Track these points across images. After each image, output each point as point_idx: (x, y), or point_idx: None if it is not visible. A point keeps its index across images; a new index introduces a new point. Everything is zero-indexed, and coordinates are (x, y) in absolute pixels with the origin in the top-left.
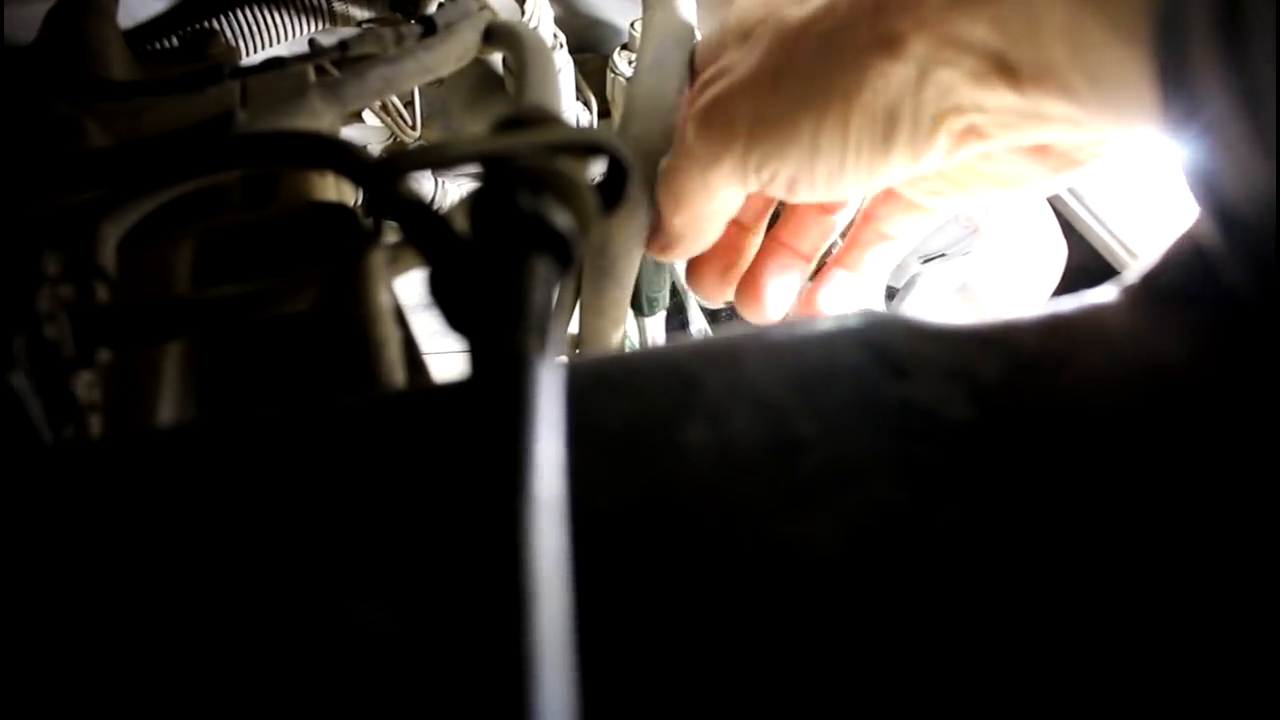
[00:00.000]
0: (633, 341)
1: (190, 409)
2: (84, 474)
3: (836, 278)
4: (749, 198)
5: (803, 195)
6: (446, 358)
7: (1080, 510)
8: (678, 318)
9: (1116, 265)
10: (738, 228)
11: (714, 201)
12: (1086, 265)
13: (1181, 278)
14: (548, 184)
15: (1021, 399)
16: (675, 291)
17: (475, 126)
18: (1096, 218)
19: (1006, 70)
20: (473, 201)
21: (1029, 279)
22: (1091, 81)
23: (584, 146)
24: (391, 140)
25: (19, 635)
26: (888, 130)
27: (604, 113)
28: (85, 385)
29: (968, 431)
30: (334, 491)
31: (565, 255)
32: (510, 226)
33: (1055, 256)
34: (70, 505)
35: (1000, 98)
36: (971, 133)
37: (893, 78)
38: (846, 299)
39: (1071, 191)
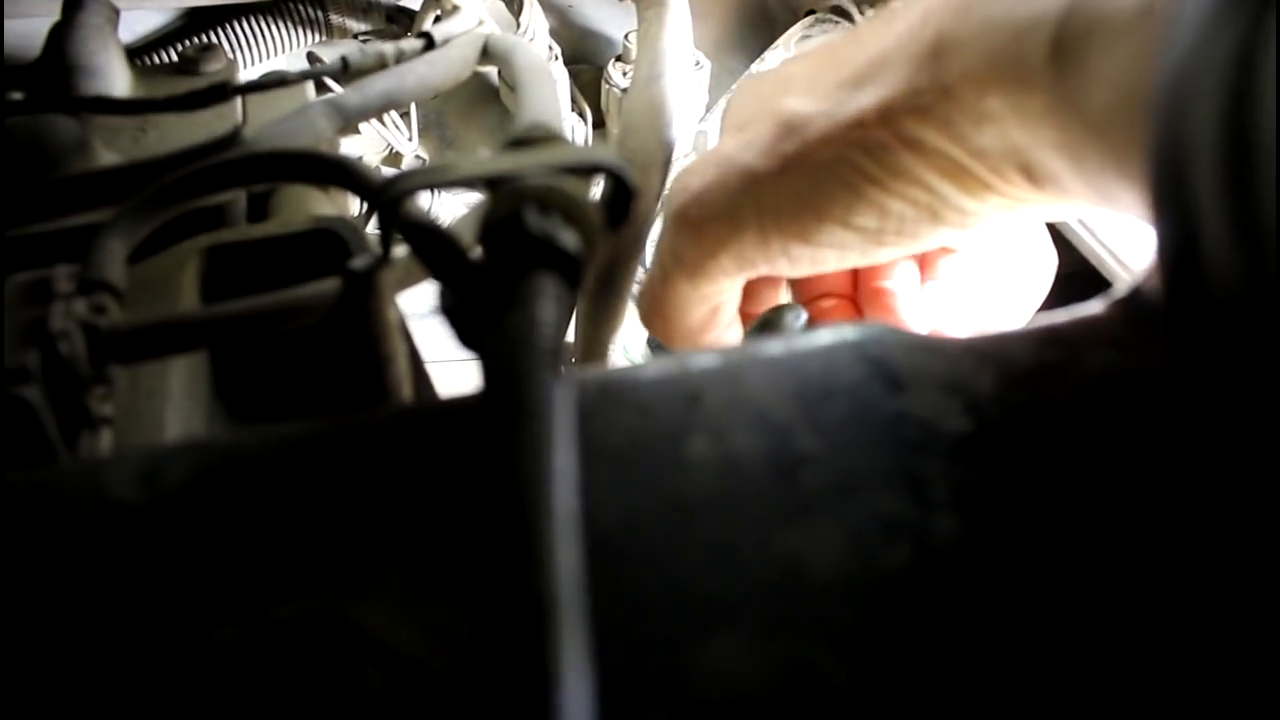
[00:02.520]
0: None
1: (198, 421)
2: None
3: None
4: None
5: (825, 268)
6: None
7: (1075, 520)
8: None
9: (1105, 273)
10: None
11: (709, 306)
12: (1075, 273)
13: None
14: (555, 204)
15: (1016, 411)
16: None
17: (471, 137)
18: (1085, 226)
19: (1025, 170)
20: (482, 222)
21: (1020, 287)
22: (1098, 195)
23: (589, 166)
24: (388, 151)
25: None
26: (933, 212)
27: (599, 124)
28: (98, 400)
29: (964, 443)
30: (352, 506)
31: (573, 275)
32: (520, 247)
33: (1046, 265)
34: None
35: (1021, 190)
36: (1004, 209)
37: (928, 170)
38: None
39: None
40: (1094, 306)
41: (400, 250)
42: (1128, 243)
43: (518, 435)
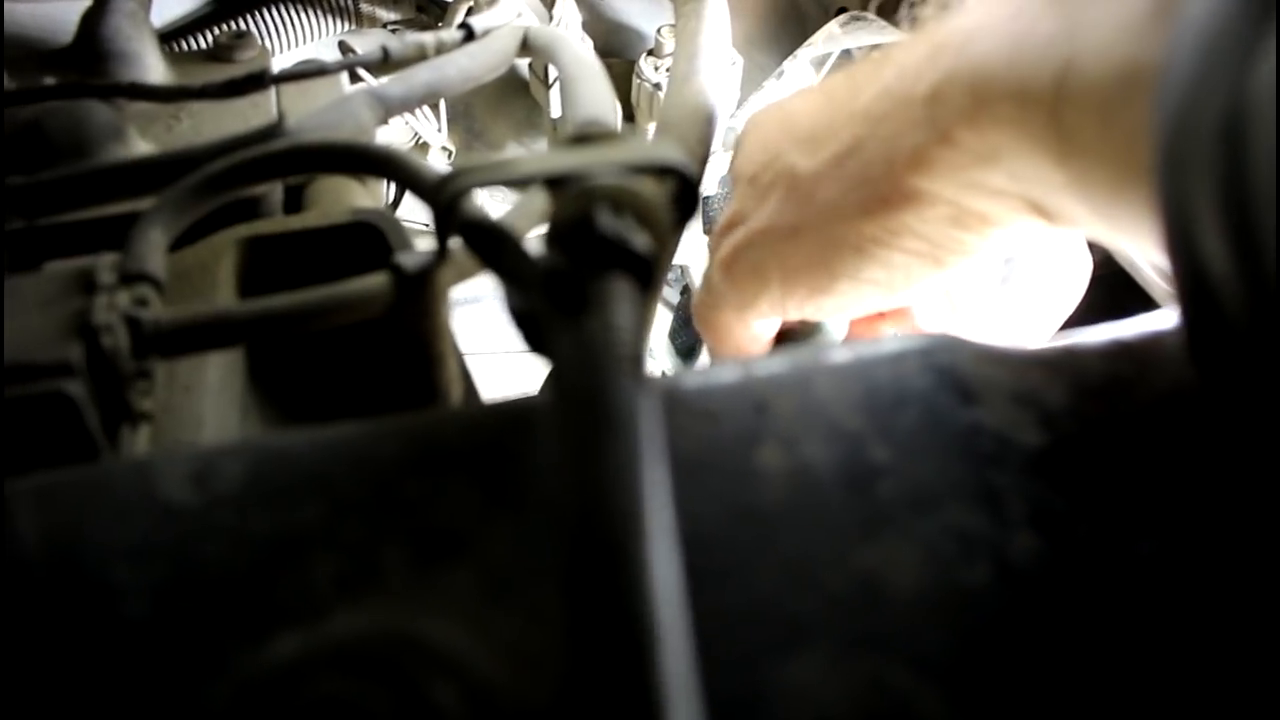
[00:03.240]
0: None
1: (234, 416)
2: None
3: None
4: None
5: (849, 313)
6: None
7: (1151, 537)
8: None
9: (1137, 277)
10: None
11: (752, 331)
12: (1104, 275)
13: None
14: (627, 205)
15: (1090, 423)
16: None
17: (499, 129)
18: None
19: (1035, 209)
20: (552, 223)
21: (1054, 291)
22: (1104, 222)
23: (657, 166)
24: (416, 140)
25: None
26: (936, 258)
27: (628, 118)
28: (139, 394)
29: (1040, 457)
30: (414, 513)
31: (647, 277)
32: (593, 249)
33: (1080, 269)
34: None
35: (1028, 222)
36: (1007, 240)
37: (930, 219)
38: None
39: None
40: (1162, 319)
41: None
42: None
43: (608, 446)
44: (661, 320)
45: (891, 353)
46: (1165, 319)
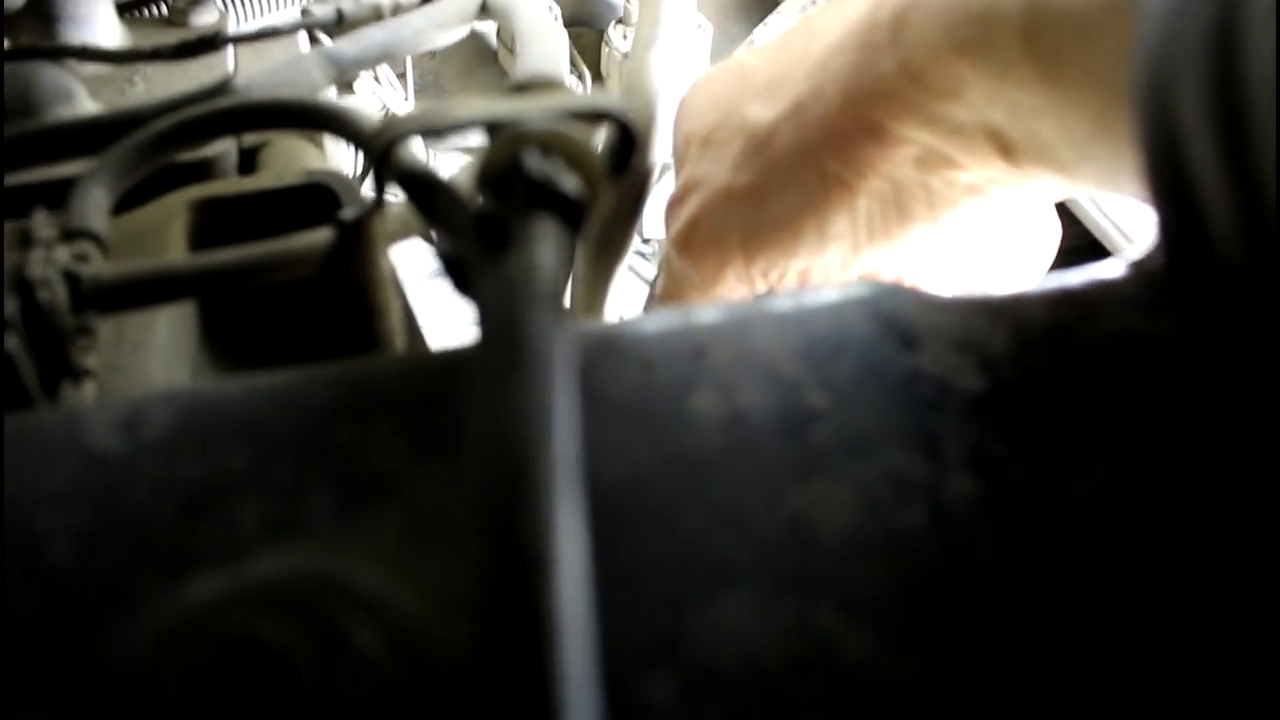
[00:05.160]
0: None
1: (184, 375)
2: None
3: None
4: None
5: (818, 280)
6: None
7: (1089, 481)
8: None
9: (1109, 246)
10: None
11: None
12: (1078, 247)
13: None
14: (557, 148)
15: (1030, 369)
16: None
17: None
18: (1091, 199)
19: (998, 143)
20: (479, 165)
21: (1022, 260)
22: (1081, 156)
23: (591, 112)
24: (384, 111)
25: None
26: (900, 204)
27: (598, 86)
28: (80, 350)
29: (979, 402)
30: (341, 457)
31: (575, 219)
32: (519, 190)
33: (1049, 238)
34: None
35: (994, 169)
36: (973, 191)
37: (895, 159)
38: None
39: None
40: (1109, 268)
41: (397, 202)
42: (1132, 215)
43: (516, 379)
44: (638, 295)
45: (833, 301)
46: (1115, 268)
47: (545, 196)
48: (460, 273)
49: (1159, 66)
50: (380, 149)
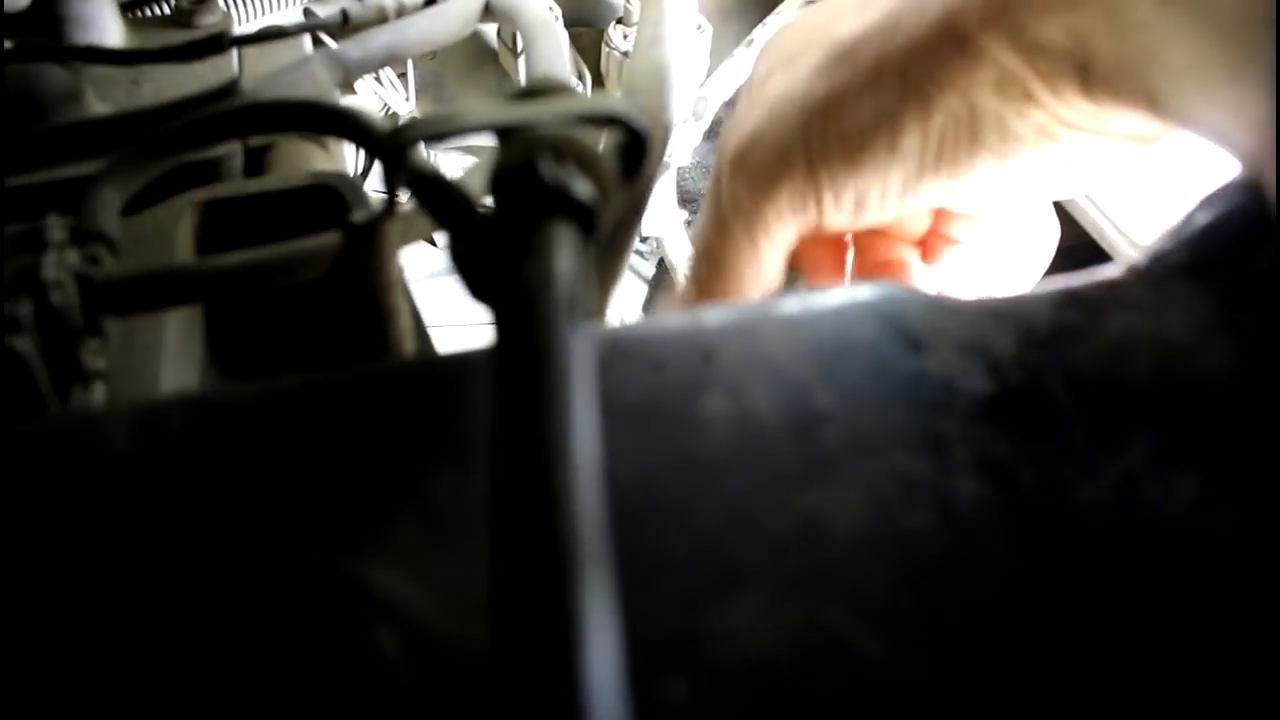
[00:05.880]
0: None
1: (192, 378)
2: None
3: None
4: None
5: (871, 214)
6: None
7: (1096, 482)
8: None
9: (1107, 247)
10: None
11: (762, 260)
12: (1076, 247)
13: (1190, 253)
14: (569, 153)
15: (1036, 372)
16: None
17: (470, 99)
18: (1089, 199)
19: (1081, 72)
20: (493, 170)
21: (1021, 259)
22: (1188, 88)
23: (602, 116)
24: (385, 111)
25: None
26: (973, 130)
27: (598, 87)
28: (91, 353)
29: (986, 404)
30: (356, 460)
31: (588, 224)
32: (533, 196)
33: (1048, 238)
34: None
35: (1071, 107)
36: (1043, 133)
37: (976, 78)
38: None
39: None
40: (1114, 270)
41: (403, 204)
42: (1130, 215)
43: (538, 383)
44: (636, 293)
45: (840, 303)
46: (1119, 269)
47: (559, 202)
48: (475, 277)
49: None
50: (393, 152)
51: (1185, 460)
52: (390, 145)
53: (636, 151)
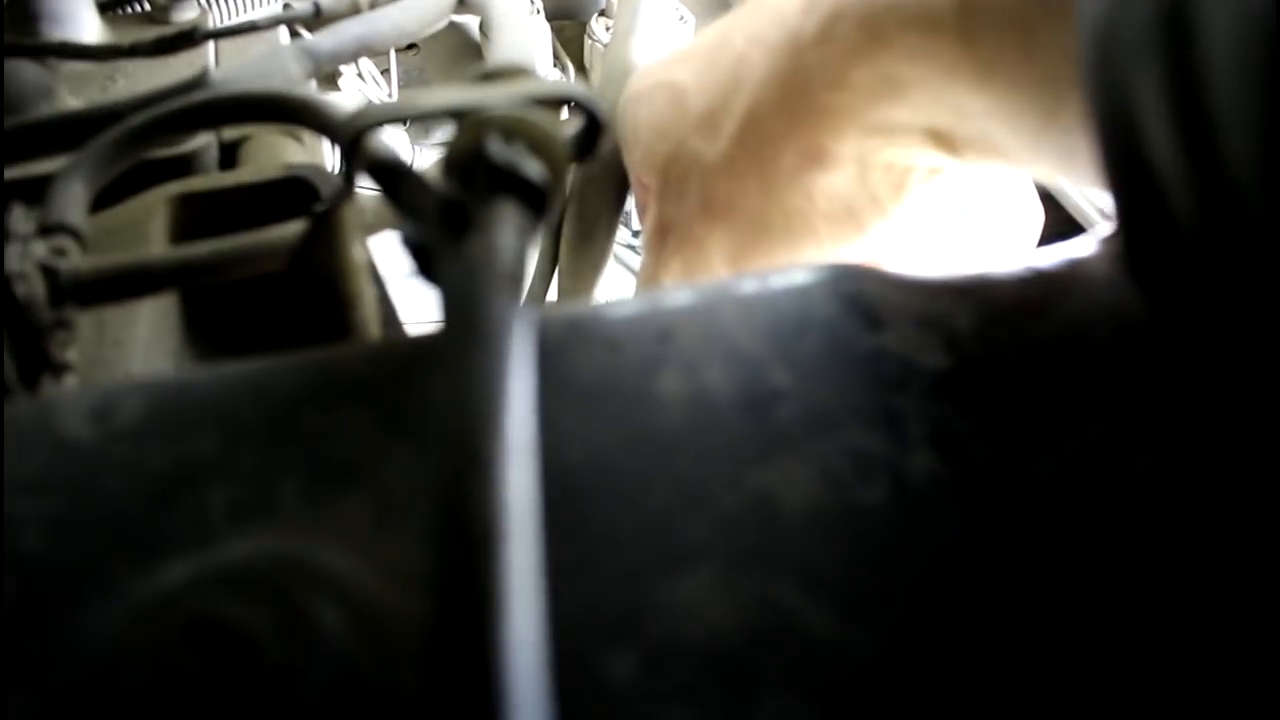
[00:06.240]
0: None
1: (165, 364)
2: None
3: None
4: None
5: None
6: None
7: (1053, 457)
8: None
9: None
10: None
11: None
12: (1061, 233)
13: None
14: (520, 134)
15: (995, 347)
16: None
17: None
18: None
19: (942, 140)
20: (445, 153)
21: (1003, 245)
22: (1031, 148)
23: (557, 98)
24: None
25: None
26: (852, 217)
27: (581, 79)
28: (59, 344)
29: (943, 380)
30: (308, 441)
31: (538, 203)
32: (482, 175)
33: (1031, 223)
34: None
35: (939, 159)
36: (917, 183)
37: (837, 181)
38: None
39: None
40: (1079, 248)
41: (373, 195)
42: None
43: (471, 357)
44: (627, 285)
45: (799, 281)
46: (1084, 247)
47: (507, 181)
48: (424, 258)
49: (1110, 49)
50: (349, 138)
51: (1141, 434)
52: (347, 130)
53: (593, 133)
